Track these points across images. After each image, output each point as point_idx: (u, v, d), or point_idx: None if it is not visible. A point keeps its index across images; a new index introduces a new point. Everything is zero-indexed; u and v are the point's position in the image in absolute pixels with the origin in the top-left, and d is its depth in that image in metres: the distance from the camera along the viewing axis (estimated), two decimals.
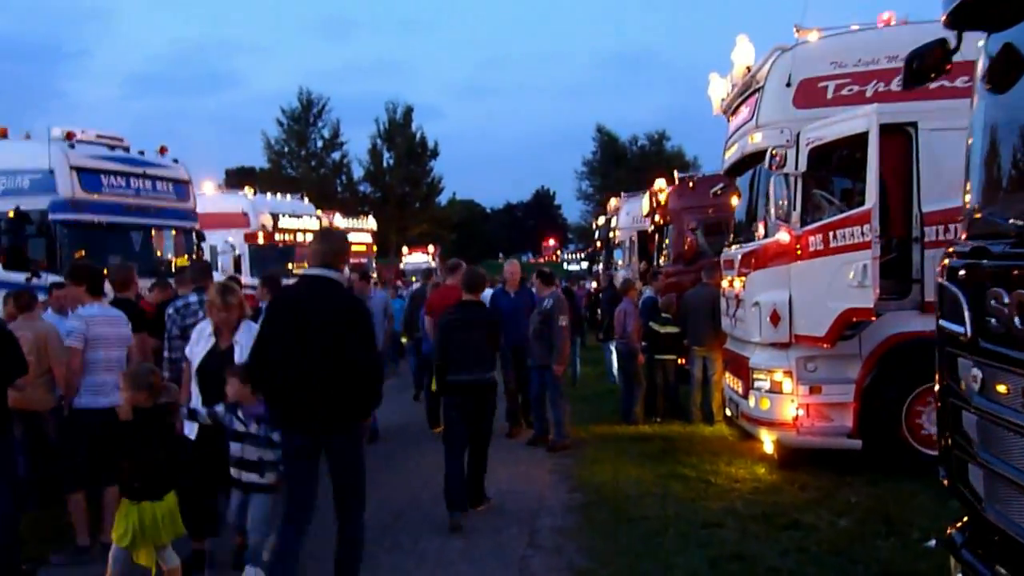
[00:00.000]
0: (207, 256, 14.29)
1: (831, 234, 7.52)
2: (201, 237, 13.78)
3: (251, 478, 5.35)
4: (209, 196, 18.32)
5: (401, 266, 40.90)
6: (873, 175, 7.21)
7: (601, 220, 28.36)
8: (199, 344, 5.80)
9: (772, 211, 8.06)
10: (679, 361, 11.49)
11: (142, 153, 12.83)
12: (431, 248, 44.93)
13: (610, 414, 11.55)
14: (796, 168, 7.90)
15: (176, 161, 13.28)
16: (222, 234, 17.33)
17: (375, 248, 30.82)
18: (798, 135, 7.91)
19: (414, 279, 26.58)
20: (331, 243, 5.16)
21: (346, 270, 6.19)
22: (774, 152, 7.85)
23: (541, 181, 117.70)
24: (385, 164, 55.49)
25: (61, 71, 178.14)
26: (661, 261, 15.85)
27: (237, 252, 18.00)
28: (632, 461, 8.81)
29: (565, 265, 50.66)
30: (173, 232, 13.45)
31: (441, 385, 7.40)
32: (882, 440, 7.82)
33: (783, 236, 7.97)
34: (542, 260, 56.83)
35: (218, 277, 10.78)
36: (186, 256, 13.13)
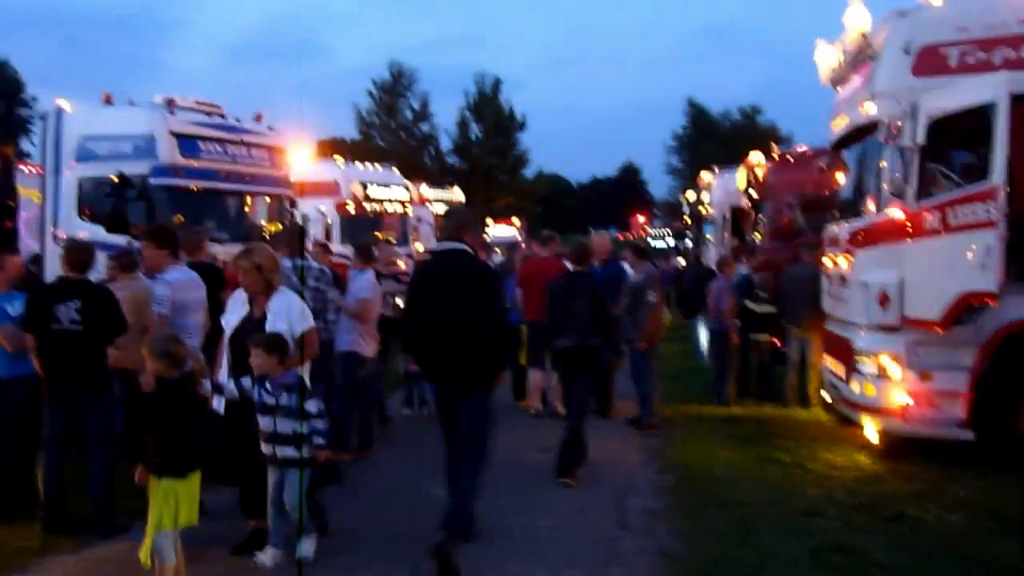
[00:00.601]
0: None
1: (951, 211, 7.04)
2: (294, 204, 13.92)
3: (287, 452, 5.12)
4: (301, 164, 18.51)
5: (486, 238, 40.84)
6: (1000, 149, 6.71)
7: (691, 195, 27.66)
8: (234, 313, 5.55)
9: (885, 186, 7.61)
10: (774, 341, 11.07)
11: (238, 120, 12.99)
12: (516, 221, 44.75)
13: (699, 394, 11.23)
14: (913, 140, 7.41)
15: (271, 128, 13.41)
16: (313, 202, 17.49)
17: None
18: (916, 105, 7.41)
19: (498, 250, 26.53)
20: (456, 218, 5.94)
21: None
22: (890, 123, 7.37)
23: (627, 155, 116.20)
24: (473, 136, 55.57)
25: (160, 41, 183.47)
26: (757, 238, 15.33)
27: (328, 220, 18.18)
28: (723, 443, 8.52)
29: (651, 241, 49.78)
30: (267, 199, 13.62)
31: (536, 351, 8.50)
32: (997, 433, 7.34)
33: (896, 213, 7.50)
34: (631, 236, 56.04)
35: (308, 245, 11.01)
36: (279, 223, 13.29)
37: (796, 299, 10.45)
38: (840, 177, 9.67)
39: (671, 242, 43.67)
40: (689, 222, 27.76)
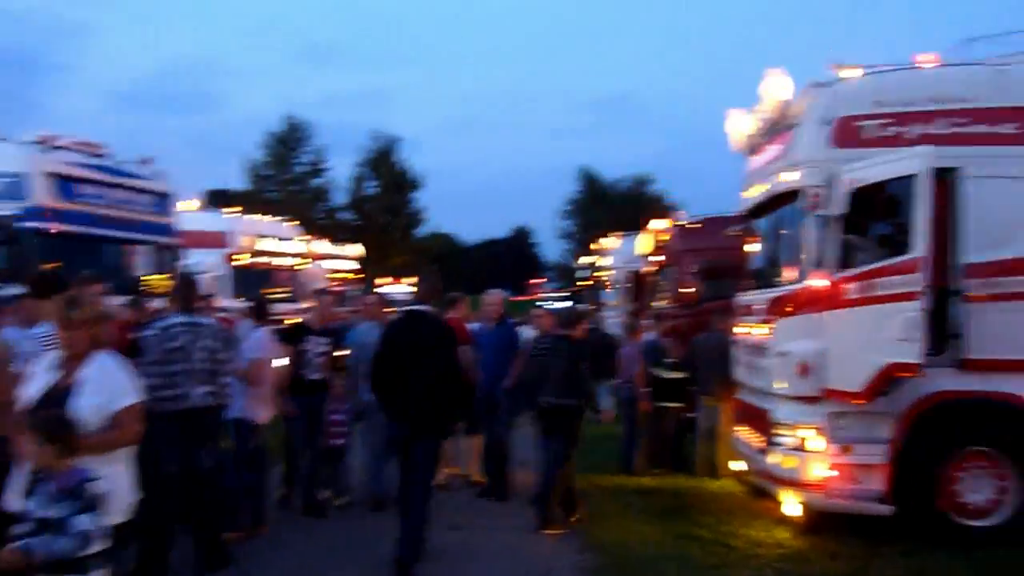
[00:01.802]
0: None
1: (874, 282, 6.98)
2: (180, 255, 13.02)
3: None
4: (189, 213, 17.51)
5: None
6: (923, 221, 6.69)
7: (588, 260, 27.84)
8: (38, 382, 4.30)
9: (807, 255, 7.55)
10: (683, 410, 10.84)
11: (122, 163, 12.10)
12: (410, 279, 44.18)
13: (607, 462, 10.85)
14: (833, 210, 7.38)
15: (158, 173, 12.56)
16: (201, 253, 16.50)
17: (359, 275, 30.08)
18: (835, 175, 7.41)
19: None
20: (427, 283, 7.00)
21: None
22: (813, 192, 7.33)
23: (520, 219, 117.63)
24: (367, 193, 54.95)
25: (42, 83, 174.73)
26: (660, 303, 15.31)
27: (215, 273, 17.18)
28: (641, 518, 8.14)
29: (544, 304, 49.98)
30: (150, 247, 12.68)
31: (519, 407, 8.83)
32: (916, 507, 7.23)
33: (817, 282, 7.41)
34: (528, 298, 56.04)
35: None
36: (162, 274, 12.36)
37: (706, 367, 10.29)
38: (753, 244, 9.63)
39: (564, 305, 43.89)
40: (586, 286, 27.89)
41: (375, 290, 41.89)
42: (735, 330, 9.50)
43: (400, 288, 41.08)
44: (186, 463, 6.10)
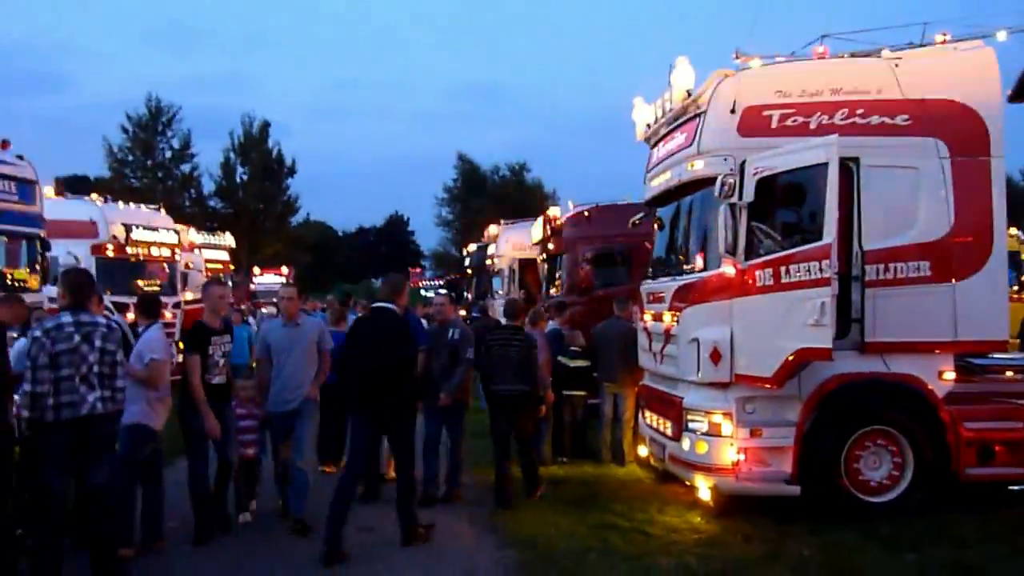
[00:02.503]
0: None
1: (783, 269, 7.11)
2: (46, 246, 12.02)
3: None
4: (51, 201, 16.24)
5: (252, 287, 38.55)
6: (832, 208, 6.85)
7: (473, 247, 27.68)
8: None
9: (716, 242, 7.63)
10: (587, 397, 10.84)
11: None
12: (285, 269, 42.91)
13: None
14: (741, 198, 7.48)
15: (21, 158, 11.53)
16: (65, 244, 15.33)
17: (232, 267, 28.90)
18: (743, 164, 7.51)
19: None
20: (392, 284, 7.48)
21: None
22: (724, 180, 7.40)
23: (394, 206, 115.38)
24: (238, 179, 52.65)
25: None
26: (553, 291, 15.34)
27: (82, 265, 16.01)
28: (556, 509, 8.06)
29: (423, 292, 49.28)
30: (9, 239, 11.66)
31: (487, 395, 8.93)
32: (822, 486, 7.46)
33: (728, 269, 7.52)
34: (410, 286, 55.29)
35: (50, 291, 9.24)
36: (27, 267, 11.39)
37: (609, 354, 10.35)
38: (657, 233, 9.70)
39: (442, 292, 43.55)
40: (470, 274, 27.73)
41: (252, 281, 40.26)
42: (641, 317, 9.56)
43: (272, 279, 39.83)
44: (79, 477, 5.56)
